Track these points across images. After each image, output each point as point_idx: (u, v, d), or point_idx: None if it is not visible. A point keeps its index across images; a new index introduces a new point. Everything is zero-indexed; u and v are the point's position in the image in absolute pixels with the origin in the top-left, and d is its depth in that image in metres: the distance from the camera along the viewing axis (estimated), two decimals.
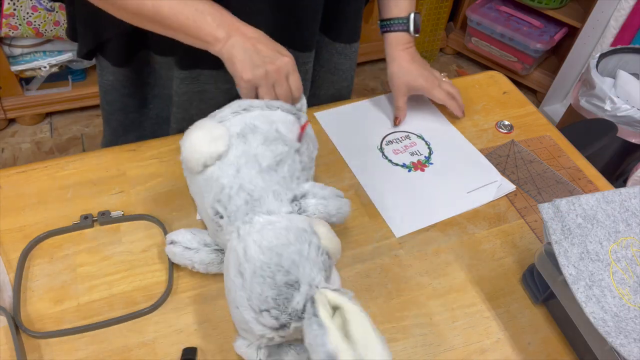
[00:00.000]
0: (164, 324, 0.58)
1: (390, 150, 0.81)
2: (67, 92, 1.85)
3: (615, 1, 1.77)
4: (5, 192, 0.70)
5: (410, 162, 0.79)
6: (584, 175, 0.80)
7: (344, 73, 0.91)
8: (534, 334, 0.61)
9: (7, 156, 1.79)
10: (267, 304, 0.47)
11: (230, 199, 0.54)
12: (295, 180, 0.58)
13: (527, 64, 2.15)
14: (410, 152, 0.81)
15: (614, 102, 1.47)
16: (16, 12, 1.56)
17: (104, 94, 0.85)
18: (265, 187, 0.55)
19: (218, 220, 0.55)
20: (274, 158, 0.57)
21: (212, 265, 0.60)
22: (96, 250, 0.65)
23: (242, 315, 0.49)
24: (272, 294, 0.47)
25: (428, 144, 0.83)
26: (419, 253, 0.67)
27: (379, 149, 0.81)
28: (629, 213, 0.58)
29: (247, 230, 0.52)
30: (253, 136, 0.57)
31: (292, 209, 0.55)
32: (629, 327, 0.50)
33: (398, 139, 0.83)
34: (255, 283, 0.48)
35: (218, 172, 0.55)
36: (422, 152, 0.81)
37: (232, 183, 0.55)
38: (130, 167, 0.74)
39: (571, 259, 0.54)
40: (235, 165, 0.55)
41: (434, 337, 0.59)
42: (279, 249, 0.49)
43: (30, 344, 0.56)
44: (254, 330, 0.49)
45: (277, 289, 0.47)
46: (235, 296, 0.49)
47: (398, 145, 0.82)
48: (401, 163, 0.79)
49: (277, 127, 0.59)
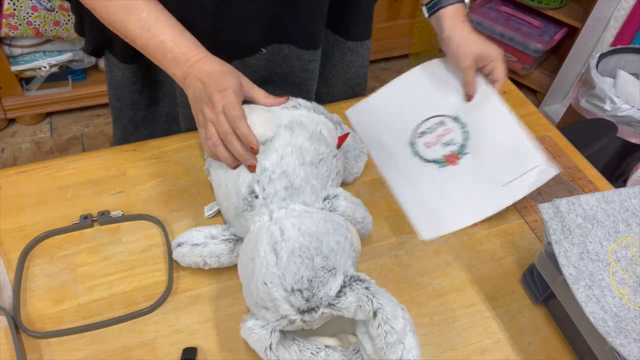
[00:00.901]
0: (164, 324, 0.58)
1: (422, 143, 0.76)
2: (67, 92, 1.85)
3: (615, 1, 1.77)
4: (5, 192, 0.70)
5: (442, 155, 0.74)
6: (584, 175, 0.80)
7: (357, 70, 0.90)
8: (534, 334, 0.61)
9: (7, 156, 1.79)
10: (301, 284, 0.48)
11: (271, 182, 0.56)
12: (330, 182, 0.61)
13: (527, 64, 2.15)
14: (443, 143, 0.76)
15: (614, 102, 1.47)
16: (16, 12, 1.56)
17: (113, 90, 0.85)
18: (305, 179, 0.58)
19: (252, 200, 0.56)
20: (317, 156, 0.60)
21: (223, 256, 0.60)
22: (96, 250, 0.65)
23: (270, 292, 0.49)
24: (308, 275, 0.48)
25: (464, 126, 0.76)
26: (419, 253, 0.67)
27: (410, 144, 0.76)
28: (629, 213, 0.58)
29: (282, 214, 0.54)
30: (300, 131, 0.60)
31: (324, 206, 0.58)
32: (629, 327, 0.50)
33: (431, 127, 0.77)
34: (292, 262, 0.49)
35: (261, 155, 0.58)
36: (456, 141, 0.75)
37: (275, 168, 0.57)
38: (130, 167, 0.74)
39: (571, 259, 0.54)
40: (280, 153, 0.58)
41: (434, 337, 0.59)
42: (319, 235, 0.51)
43: (30, 344, 0.56)
44: (279, 309, 0.49)
45: (314, 271, 0.49)
46: (265, 273, 0.49)
47: (431, 135, 0.76)
48: (432, 159, 0.74)
49: (321, 128, 0.62)
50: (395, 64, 2.35)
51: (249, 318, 0.52)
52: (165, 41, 0.61)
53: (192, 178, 0.73)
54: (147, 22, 0.61)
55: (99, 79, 1.88)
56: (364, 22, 0.84)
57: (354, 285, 0.49)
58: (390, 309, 0.47)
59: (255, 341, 0.51)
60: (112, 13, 0.62)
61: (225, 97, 0.57)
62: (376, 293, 0.48)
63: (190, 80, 0.60)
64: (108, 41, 0.79)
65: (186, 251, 0.60)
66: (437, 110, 0.78)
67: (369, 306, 0.47)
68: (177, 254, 0.61)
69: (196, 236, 0.60)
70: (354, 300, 0.48)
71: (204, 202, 0.70)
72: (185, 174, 0.74)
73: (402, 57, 2.37)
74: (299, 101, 0.65)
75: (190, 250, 0.59)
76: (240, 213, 0.57)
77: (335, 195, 0.59)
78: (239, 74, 0.62)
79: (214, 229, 0.61)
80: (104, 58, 0.83)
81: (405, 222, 0.70)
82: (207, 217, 0.68)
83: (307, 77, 0.82)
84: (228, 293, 0.62)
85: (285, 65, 0.79)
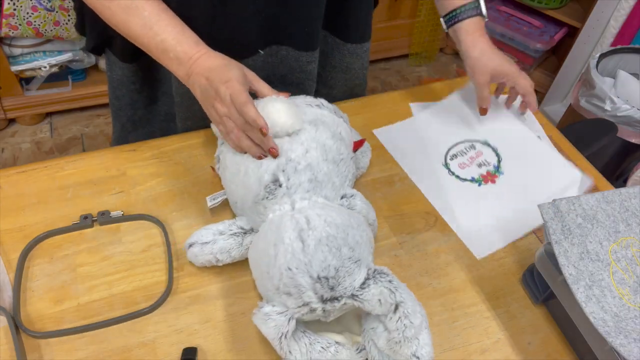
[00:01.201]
0: (164, 324, 0.58)
1: (456, 165, 0.77)
2: (67, 92, 1.85)
3: (615, 1, 1.77)
4: (5, 192, 0.70)
5: (479, 174, 0.75)
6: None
7: (356, 72, 0.90)
8: (534, 334, 0.61)
9: (7, 156, 1.79)
10: (327, 271, 0.49)
11: (296, 172, 0.57)
12: (347, 182, 0.63)
13: (527, 64, 2.15)
14: (478, 164, 0.77)
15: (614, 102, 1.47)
16: (16, 12, 1.56)
17: (113, 89, 0.85)
18: (328, 174, 0.59)
19: (275, 188, 0.57)
20: (338, 155, 0.61)
21: (234, 250, 0.60)
22: (96, 250, 0.65)
23: (294, 278, 0.49)
24: (335, 264, 0.49)
25: (495, 150, 0.78)
26: (419, 253, 0.67)
27: (444, 165, 0.77)
28: (629, 213, 0.58)
29: (305, 204, 0.56)
30: (323, 128, 0.61)
31: (342, 203, 0.60)
32: (629, 327, 0.50)
33: (462, 151, 0.79)
34: (320, 251, 0.50)
35: (287, 146, 0.58)
36: (490, 162, 0.77)
37: (301, 159, 0.58)
38: (130, 167, 0.74)
39: (571, 259, 0.54)
40: (305, 146, 0.59)
41: (434, 337, 0.59)
42: (345, 227, 0.52)
43: (30, 344, 0.56)
44: (303, 295, 0.49)
45: (342, 260, 0.50)
46: (290, 259, 0.50)
47: (463, 158, 0.78)
48: (469, 177, 0.75)
49: (341, 130, 0.64)
50: (395, 64, 2.35)
51: (264, 305, 0.51)
52: (167, 40, 0.61)
53: (192, 178, 0.73)
54: (149, 21, 0.61)
55: (99, 79, 1.88)
56: (363, 24, 0.84)
57: (377, 278, 0.50)
58: (410, 304, 0.48)
59: (272, 328, 0.50)
60: (115, 13, 0.62)
61: (230, 87, 0.58)
62: (399, 287, 0.49)
63: (195, 77, 0.61)
64: (109, 40, 0.79)
65: (197, 250, 0.60)
66: (467, 135, 0.81)
67: (392, 299, 0.48)
68: (190, 254, 0.61)
69: (205, 234, 0.61)
70: (377, 293, 0.49)
71: (204, 202, 0.70)
72: (185, 174, 0.74)
73: (402, 57, 2.37)
74: (322, 101, 0.66)
75: (200, 249, 0.60)
76: (260, 201, 0.58)
77: (353, 195, 0.61)
78: (242, 66, 0.63)
79: (220, 225, 0.61)
80: (104, 57, 0.84)
81: (405, 222, 0.71)
82: (210, 207, 0.67)
83: (305, 77, 0.82)
84: (228, 293, 0.62)
85: (284, 67, 0.80)
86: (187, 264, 0.64)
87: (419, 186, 0.75)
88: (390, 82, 2.23)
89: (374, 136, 0.82)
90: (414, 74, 2.34)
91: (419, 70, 2.37)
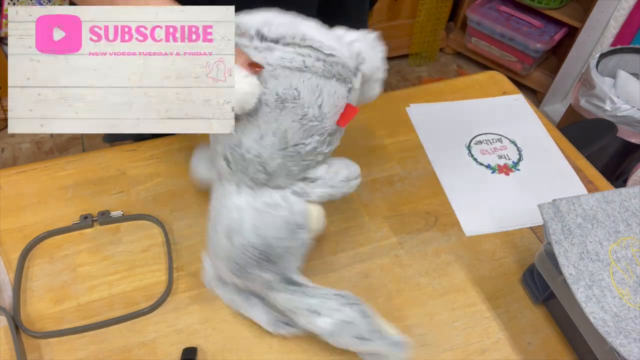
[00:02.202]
0: (164, 324, 0.58)
1: (478, 150, 0.80)
2: None
3: (615, 1, 1.77)
4: (5, 192, 0.70)
5: (495, 164, 0.78)
6: (584, 175, 0.80)
7: None
8: (534, 334, 0.61)
9: (7, 156, 1.80)
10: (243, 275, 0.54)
11: (244, 159, 0.51)
12: (314, 165, 0.54)
13: (527, 64, 2.15)
14: (499, 155, 0.80)
15: (614, 102, 1.47)
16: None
17: None
18: (282, 164, 0.52)
19: (226, 167, 0.54)
20: (303, 142, 0.51)
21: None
22: (96, 250, 0.65)
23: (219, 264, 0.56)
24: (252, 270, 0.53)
25: (520, 150, 0.81)
26: (419, 253, 0.67)
27: (466, 146, 0.81)
28: (629, 213, 0.58)
29: (247, 199, 0.54)
30: (292, 109, 0.49)
31: (298, 189, 0.54)
32: (629, 327, 0.50)
33: (489, 140, 0.82)
34: (241, 253, 0.52)
35: (240, 127, 0.50)
36: (510, 157, 0.80)
37: (251, 147, 0.51)
38: (130, 167, 0.74)
39: (571, 259, 0.54)
40: (259, 131, 0.50)
41: (434, 337, 0.59)
42: (271, 239, 0.52)
43: (30, 344, 0.56)
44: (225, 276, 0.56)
45: (259, 265, 0.53)
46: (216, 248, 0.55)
47: (488, 146, 0.81)
48: (486, 163, 0.78)
49: (321, 103, 0.50)
50: (395, 64, 2.35)
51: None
52: None
53: (192, 178, 0.73)
54: None
55: None
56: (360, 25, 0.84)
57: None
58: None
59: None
60: None
61: None
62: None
63: None
64: None
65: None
66: (499, 130, 0.84)
67: None
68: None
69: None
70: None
71: (204, 202, 0.70)
72: (185, 174, 0.74)
73: (402, 57, 2.37)
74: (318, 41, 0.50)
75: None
76: (221, 173, 0.57)
77: (314, 180, 0.54)
78: None
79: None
80: None
81: (405, 222, 0.71)
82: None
83: None
84: None
85: None
86: (187, 263, 0.64)
87: (432, 159, 0.78)
88: (390, 82, 2.23)
89: (376, 136, 0.82)
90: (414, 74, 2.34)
91: (419, 70, 2.37)
